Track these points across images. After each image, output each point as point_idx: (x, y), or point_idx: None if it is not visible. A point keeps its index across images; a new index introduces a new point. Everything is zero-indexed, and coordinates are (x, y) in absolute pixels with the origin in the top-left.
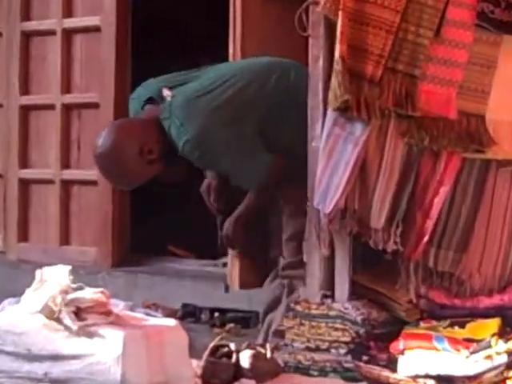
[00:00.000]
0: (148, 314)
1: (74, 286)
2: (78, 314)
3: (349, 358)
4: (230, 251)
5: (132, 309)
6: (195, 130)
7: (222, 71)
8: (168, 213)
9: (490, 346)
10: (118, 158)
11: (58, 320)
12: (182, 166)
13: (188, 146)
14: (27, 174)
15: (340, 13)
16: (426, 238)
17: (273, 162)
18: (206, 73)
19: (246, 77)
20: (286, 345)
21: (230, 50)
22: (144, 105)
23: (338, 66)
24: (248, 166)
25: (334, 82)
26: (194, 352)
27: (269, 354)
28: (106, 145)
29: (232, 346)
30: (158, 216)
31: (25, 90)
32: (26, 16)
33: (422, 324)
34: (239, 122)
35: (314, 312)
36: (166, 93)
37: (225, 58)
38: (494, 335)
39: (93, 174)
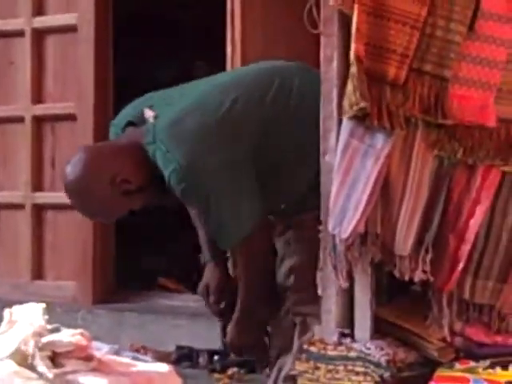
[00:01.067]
0: (136, 359)
1: (49, 326)
2: (55, 359)
3: None
4: None
5: (117, 353)
6: (182, 157)
7: (213, 84)
8: (157, 241)
9: None
10: (86, 189)
11: (31, 367)
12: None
13: (174, 176)
14: None
15: (356, 6)
16: (460, 266)
17: (258, 217)
18: (194, 87)
19: (241, 90)
20: None
21: (228, 51)
22: (124, 128)
23: (353, 68)
24: (233, 215)
25: (349, 86)
26: None
27: None
28: (74, 173)
29: None
30: (146, 245)
31: None
32: None
33: (457, 365)
34: (231, 146)
35: (330, 353)
36: (148, 114)
37: (222, 61)
38: None
39: None
